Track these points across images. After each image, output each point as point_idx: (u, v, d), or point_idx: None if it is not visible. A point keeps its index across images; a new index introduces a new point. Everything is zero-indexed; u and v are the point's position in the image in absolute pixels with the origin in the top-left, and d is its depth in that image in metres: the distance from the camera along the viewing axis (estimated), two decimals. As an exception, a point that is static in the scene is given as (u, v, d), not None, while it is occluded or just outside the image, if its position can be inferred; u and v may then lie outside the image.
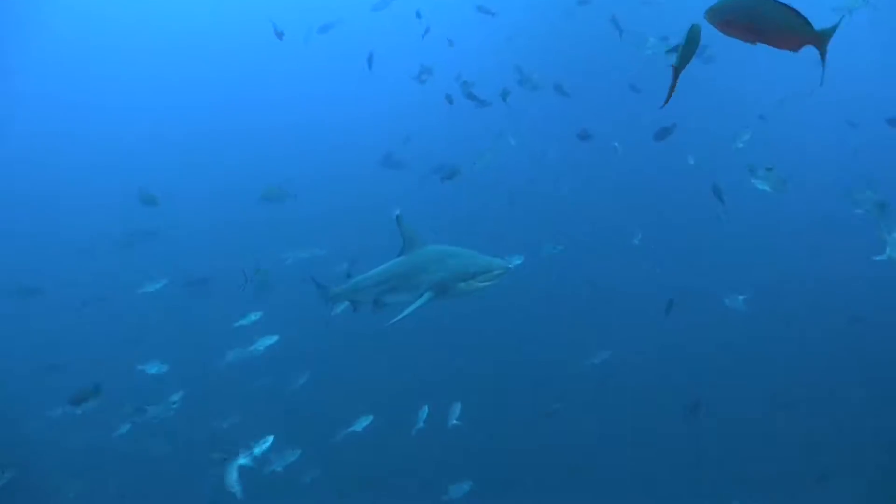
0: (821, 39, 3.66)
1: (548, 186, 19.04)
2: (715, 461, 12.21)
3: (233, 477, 7.85)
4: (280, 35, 15.13)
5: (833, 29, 3.66)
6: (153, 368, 12.00)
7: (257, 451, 9.82)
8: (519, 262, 10.86)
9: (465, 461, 11.22)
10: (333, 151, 24.20)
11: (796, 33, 3.62)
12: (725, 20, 3.70)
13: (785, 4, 3.57)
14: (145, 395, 11.30)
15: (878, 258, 7.60)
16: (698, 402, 12.28)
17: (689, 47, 3.89)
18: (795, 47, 3.72)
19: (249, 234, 18.88)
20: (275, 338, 11.24)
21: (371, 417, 10.08)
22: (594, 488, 11.76)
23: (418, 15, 17.00)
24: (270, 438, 9.85)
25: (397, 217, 7.94)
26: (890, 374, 13.42)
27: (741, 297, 13.29)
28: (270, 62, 28.10)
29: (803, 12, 3.56)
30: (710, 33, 4.06)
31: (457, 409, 10.33)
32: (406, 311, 7.30)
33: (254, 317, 11.81)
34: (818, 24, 3.63)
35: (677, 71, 3.89)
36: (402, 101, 22.99)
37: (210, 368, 11.33)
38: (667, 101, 3.88)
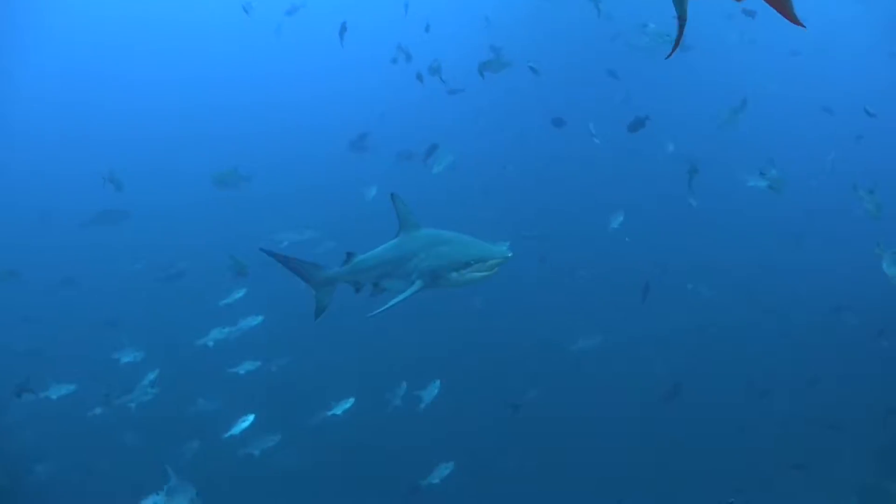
0: None
1: (525, 170, 19.08)
2: (691, 448, 12.30)
3: None
4: (247, 10, 15.07)
5: None
6: (128, 356, 11.94)
7: (236, 430, 9.86)
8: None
9: (448, 444, 11.22)
10: (315, 133, 24.10)
11: None
12: None
13: None
14: (124, 377, 11.24)
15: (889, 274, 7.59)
16: (678, 387, 12.37)
17: None
18: None
19: (234, 215, 18.87)
20: (259, 318, 11.09)
21: (352, 400, 9.98)
22: (573, 472, 11.83)
23: None
24: (251, 417, 9.84)
25: (392, 196, 7.31)
26: (868, 364, 13.62)
27: (703, 282, 13.41)
28: (251, 43, 28.03)
29: None
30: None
31: (434, 387, 10.35)
32: (391, 303, 6.78)
33: (238, 294, 11.70)
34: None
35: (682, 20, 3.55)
36: (380, 83, 22.95)
37: (192, 349, 11.20)
38: (672, 52, 3.56)
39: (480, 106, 19.97)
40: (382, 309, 6.73)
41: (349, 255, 7.74)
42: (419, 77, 14.13)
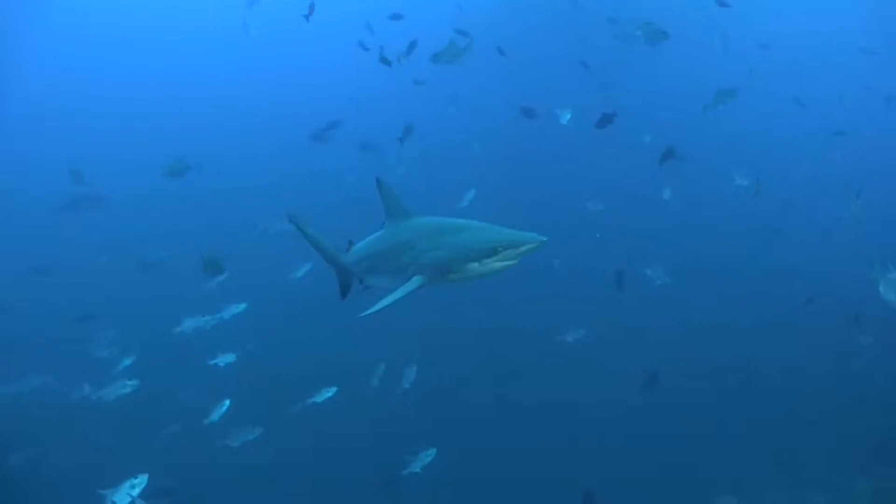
0: None
1: (505, 161, 19.07)
2: (670, 441, 12.32)
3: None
4: None
5: None
6: (106, 347, 11.82)
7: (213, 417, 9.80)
8: None
9: (433, 430, 11.22)
10: (287, 123, 24.02)
11: None
12: None
13: None
14: (102, 368, 11.15)
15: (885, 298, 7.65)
16: (656, 375, 12.44)
17: None
18: None
19: (217, 205, 18.77)
20: (243, 306, 10.93)
21: (334, 389, 9.95)
22: (553, 466, 11.86)
23: None
24: (227, 402, 9.77)
25: (378, 181, 6.55)
26: (839, 356, 13.82)
27: (660, 267, 13.50)
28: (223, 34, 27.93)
29: None
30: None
31: (412, 372, 10.34)
32: (385, 302, 5.88)
33: (220, 278, 11.56)
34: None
35: None
36: (352, 72, 22.85)
37: (171, 338, 11.09)
38: None
39: (451, 95, 19.90)
40: (374, 309, 5.85)
41: (350, 244, 7.23)
42: (385, 61, 13.74)
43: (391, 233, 6.59)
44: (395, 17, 16.43)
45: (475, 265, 5.73)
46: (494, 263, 5.69)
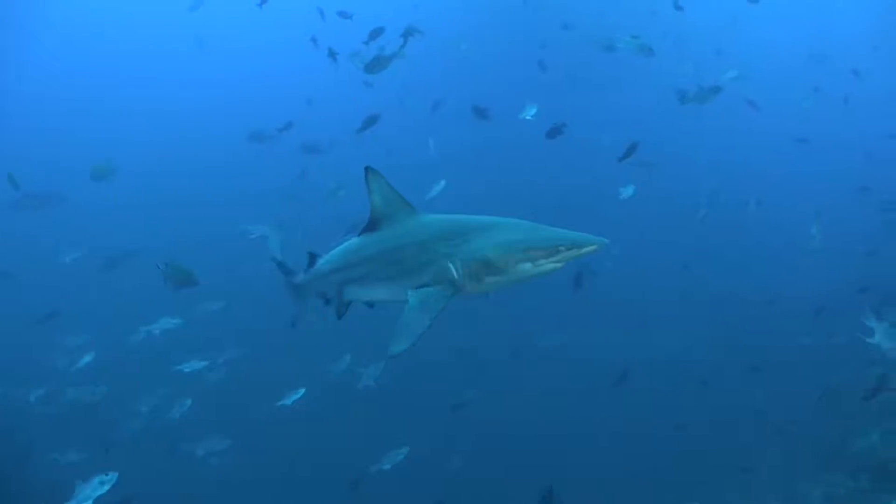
0: None
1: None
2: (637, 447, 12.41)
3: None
4: None
5: None
6: (68, 355, 11.70)
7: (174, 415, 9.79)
8: None
9: (403, 431, 11.29)
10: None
11: None
12: None
13: None
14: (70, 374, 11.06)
15: (868, 340, 7.66)
16: (626, 373, 12.64)
17: None
18: None
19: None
20: (221, 302, 10.82)
21: (303, 390, 9.93)
22: (523, 466, 11.93)
23: None
24: (188, 402, 9.76)
25: (367, 171, 5.42)
26: (801, 358, 14.06)
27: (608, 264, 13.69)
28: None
29: None
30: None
31: (377, 368, 10.35)
32: (420, 326, 4.69)
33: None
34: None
35: None
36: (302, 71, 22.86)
37: (141, 337, 10.95)
38: None
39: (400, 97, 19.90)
40: (408, 344, 4.63)
41: (312, 258, 6.22)
42: (332, 54, 13.30)
43: (393, 233, 5.45)
44: (343, 14, 16.21)
45: (527, 266, 4.89)
46: (547, 265, 4.90)
